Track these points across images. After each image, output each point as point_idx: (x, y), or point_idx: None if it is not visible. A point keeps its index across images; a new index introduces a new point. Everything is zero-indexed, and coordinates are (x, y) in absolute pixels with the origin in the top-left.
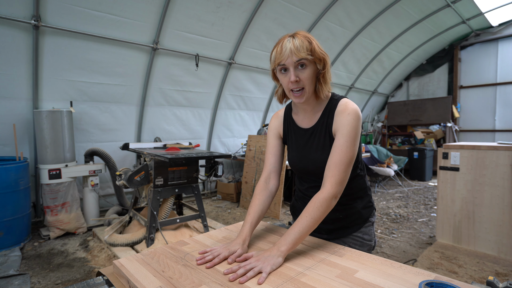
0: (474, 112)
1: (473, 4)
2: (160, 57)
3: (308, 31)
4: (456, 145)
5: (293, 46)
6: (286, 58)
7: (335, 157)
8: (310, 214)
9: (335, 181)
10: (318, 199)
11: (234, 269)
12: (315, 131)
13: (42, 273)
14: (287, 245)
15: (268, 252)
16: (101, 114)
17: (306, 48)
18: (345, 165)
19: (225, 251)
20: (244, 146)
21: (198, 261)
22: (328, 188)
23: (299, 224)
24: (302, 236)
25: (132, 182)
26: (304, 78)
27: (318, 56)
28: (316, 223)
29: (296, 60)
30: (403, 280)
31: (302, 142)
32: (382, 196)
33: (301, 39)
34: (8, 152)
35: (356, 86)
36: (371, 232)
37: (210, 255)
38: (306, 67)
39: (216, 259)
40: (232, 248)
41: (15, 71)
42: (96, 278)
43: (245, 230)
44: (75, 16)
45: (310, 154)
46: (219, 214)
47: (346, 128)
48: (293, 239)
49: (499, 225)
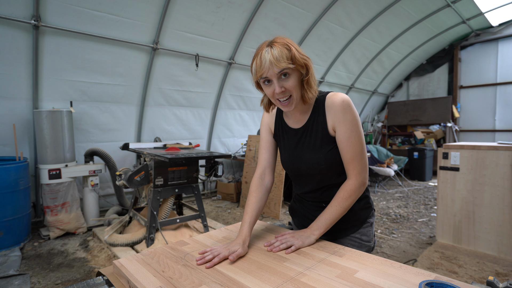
0: (474, 112)
1: (473, 4)
2: (160, 57)
3: (308, 31)
4: (456, 145)
5: (272, 57)
6: (267, 70)
7: (348, 152)
8: (339, 203)
9: (358, 172)
10: (346, 190)
11: (272, 241)
12: (306, 131)
13: (42, 273)
14: (320, 229)
15: (302, 232)
16: (101, 114)
17: (286, 57)
18: (360, 154)
19: (225, 251)
20: (244, 146)
21: (198, 261)
22: (353, 179)
23: (329, 211)
24: (332, 222)
25: (132, 182)
26: (290, 87)
27: (300, 63)
28: (344, 211)
29: (278, 71)
30: (403, 280)
31: (293, 142)
32: (382, 196)
33: (279, 48)
34: (8, 152)
35: (356, 86)
36: (369, 233)
37: (210, 255)
38: (289, 76)
39: (216, 258)
40: (232, 248)
41: (15, 71)
42: (96, 278)
43: (244, 230)
44: (75, 16)
45: (303, 154)
46: (219, 214)
47: (346, 118)
48: (324, 224)
49: (499, 225)
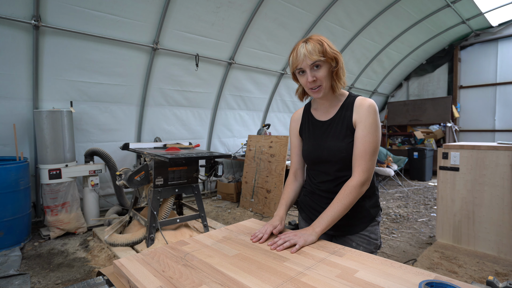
0: (474, 112)
1: (473, 4)
2: (160, 57)
3: (308, 31)
4: (456, 145)
5: (306, 50)
6: (301, 62)
7: (359, 148)
8: (341, 200)
9: (362, 170)
10: (348, 187)
11: (275, 240)
12: (332, 123)
13: (42, 273)
14: (321, 227)
15: (304, 230)
16: (101, 114)
17: (318, 51)
18: (370, 154)
19: (270, 226)
20: (244, 146)
21: (252, 239)
22: (356, 177)
23: (331, 209)
24: (335, 219)
25: (132, 182)
26: (320, 77)
27: (330, 56)
28: (346, 208)
29: (311, 63)
30: (403, 280)
31: (319, 132)
32: (382, 196)
33: (313, 43)
34: (8, 152)
35: (356, 86)
36: (377, 231)
37: (260, 234)
38: (320, 67)
39: (265, 234)
40: (274, 223)
41: (15, 71)
42: (96, 278)
43: (281, 210)
44: (75, 16)
45: (326, 143)
46: (219, 214)
47: (368, 119)
48: (326, 222)
49: (499, 225)
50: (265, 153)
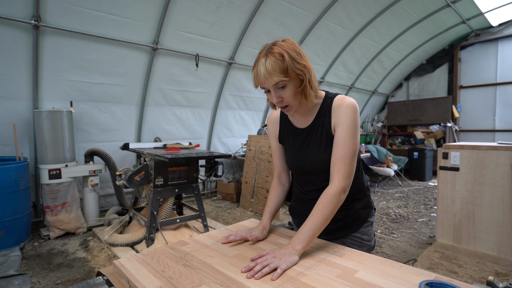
0: (474, 112)
1: (473, 4)
2: (160, 57)
3: (308, 31)
4: (456, 145)
5: (265, 70)
6: (263, 82)
7: (338, 152)
8: (321, 210)
9: (342, 175)
10: (327, 195)
11: (251, 266)
12: (311, 131)
13: (42, 273)
14: (302, 243)
15: (283, 249)
16: (101, 114)
17: (279, 70)
18: (350, 158)
19: (246, 233)
20: (244, 146)
21: (223, 242)
22: (336, 183)
23: (311, 221)
24: (316, 233)
25: (132, 182)
26: (286, 97)
27: (293, 75)
28: (328, 218)
29: (273, 84)
30: (403, 280)
31: (299, 141)
32: (382, 196)
33: (273, 59)
34: (8, 152)
35: (356, 86)
36: (370, 232)
37: (233, 236)
38: (286, 87)
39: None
40: (253, 232)
41: (15, 71)
42: (96, 278)
43: (265, 218)
44: (75, 16)
45: (308, 153)
46: (219, 214)
47: (346, 121)
48: (307, 237)
49: (499, 225)
50: (265, 153)
